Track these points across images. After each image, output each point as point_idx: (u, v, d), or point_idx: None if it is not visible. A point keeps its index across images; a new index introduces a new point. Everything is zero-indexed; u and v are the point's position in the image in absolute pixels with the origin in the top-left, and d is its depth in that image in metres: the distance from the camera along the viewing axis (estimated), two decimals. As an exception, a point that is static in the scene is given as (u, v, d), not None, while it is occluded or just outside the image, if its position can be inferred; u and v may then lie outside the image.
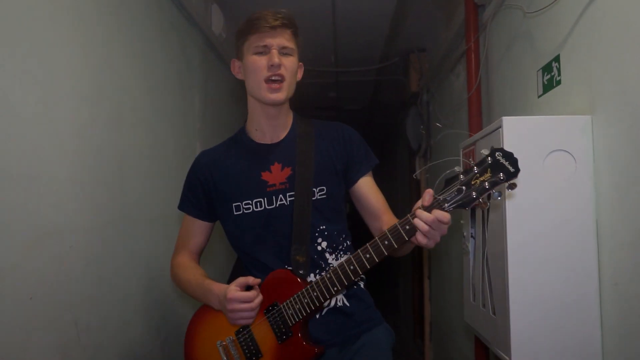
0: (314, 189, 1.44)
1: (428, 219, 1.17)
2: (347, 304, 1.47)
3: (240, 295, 1.35)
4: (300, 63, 1.54)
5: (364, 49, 4.34)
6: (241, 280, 1.38)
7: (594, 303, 1.44)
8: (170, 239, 2.36)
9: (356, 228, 1.68)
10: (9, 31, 1.29)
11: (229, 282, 1.43)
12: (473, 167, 1.16)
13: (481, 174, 1.14)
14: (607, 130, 1.42)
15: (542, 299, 1.47)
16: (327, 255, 1.47)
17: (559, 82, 1.71)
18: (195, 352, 1.49)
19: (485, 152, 1.16)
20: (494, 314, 1.63)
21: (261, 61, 1.42)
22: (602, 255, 1.44)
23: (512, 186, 1.14)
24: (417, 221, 1.18)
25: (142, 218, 2.08)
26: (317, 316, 1.45)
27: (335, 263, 1.45)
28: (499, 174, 1.12)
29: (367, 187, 1.51)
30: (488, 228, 1.70)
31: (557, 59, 1.72)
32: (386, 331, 1.53)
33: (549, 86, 1.78)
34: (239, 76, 1.53)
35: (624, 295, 1.35)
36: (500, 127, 1.53)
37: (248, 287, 1.39)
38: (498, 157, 1.13)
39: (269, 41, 1.42)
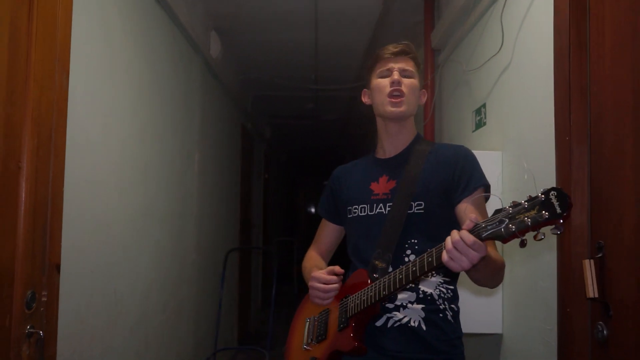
0: (412, 203, 1.47)
1: (454, 238, 1.15)
2: (423, 328, 1.44)
3: (319, 276, 1.51)
4: (423, 90, 1.64)
5: (341, 70, 4.89)
6: (330, 267, 1.55)
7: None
8: (174, 231, 2.88)
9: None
10: (89, 82, 1.79)
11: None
12: (524, 202, 1.09)
13: (528, 209, 1.07)
14: (510, 162, 1.99)
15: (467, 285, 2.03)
16: None
17: (485, 123, 2.28)
18: (295, 322, 1.71)
19: (543, 190, 1.07)
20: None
21: (384, 82, 1.53)
22: (505, 250, 2.02)
23: (558, 228, 1.04)
24: (447, 239, 1.17)
25: (156, 214, 2.57)
26: (389, 325, 1.46)
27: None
28: (544, 212, 1.04)
29: (468, 211, 1.42)
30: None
31: (484, 105, 2.29)
32: None
33: (479, 125, 2.35)
34: (368, 102, 1.64)
35: (516, 277, 1.93)
36: (437, 157, 2.09)
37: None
38: (551, 197, 1.05)
39: (391, 65, 1.54)
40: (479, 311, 2.03)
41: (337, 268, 1.53)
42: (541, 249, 1.71)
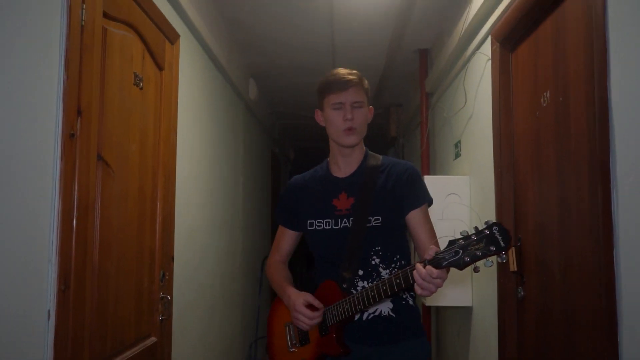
0: (370, 217, 1.66)
1: (421, 273, 1.35)
2: (393, 315, 1.68)
3: (305, 312, 1.64)
4: (370, 107, 1.79)
5: (356, 102, 5.75)
6: (309, 299, 1.67)
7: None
8: (228, 238, 3.75)
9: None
10: (183, 136, 2.66)
11: (314, 277, 1.81)
12: (472, 235, 1.31)
13: (477, 242, 1.28)
14: (474, 184, 2.81)
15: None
16: (381, 269, 1.68)
17: (460, 155, 3.11)
18: (272, 326, 1.89)
19: (487, 223, 1.30)
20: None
21: (339, 115, 1.69)
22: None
23: (502, 257, 1.27)
24: (414, 273, 1.37)
25: (218, 225, 3.44)
26: (364, 319, 1.68)
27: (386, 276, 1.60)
28: (491, 246, 1.27)
29: (415, 221, 1.67)
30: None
31: (460, 141, 3.12)
32: (423, 345, 1.70)
33: (456, 156, 3.18)
34: (322, 123, 1.79)
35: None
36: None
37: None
38: (494, 231, 1.28)
39: (343, 99, 1.68)
40: (454, 290, 2.84)
41: (315, 303, 1.66)
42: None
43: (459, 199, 2.86)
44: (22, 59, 1.33)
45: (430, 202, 1.74)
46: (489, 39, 2.47)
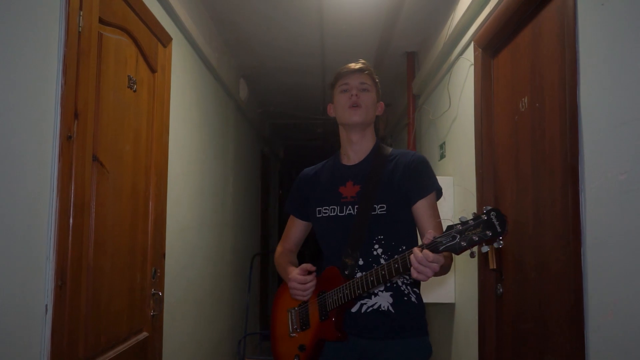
0: (375, 205, 1.66)
1: (417, 257, 1.34)
2: (392, 311, 1.66)
3: (297, 278, 1.69)
4: (381, 102, 1.82)
5: (345, 102, 5.83)
6: (304, 265, 1.72)
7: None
8: (217, 236, 3.81)
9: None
10: (174, 135, 2.72)
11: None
12: (470, 220, 1.30)
13: (474, 227, 1.28)
14: (458, 184, 2.90)
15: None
16: (382, 260, 1.66)
17: (445, 156, 3.20)
18: (275, 312, 1.91)
19: (485, 209, 1.28)
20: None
21: (345, 96, 1.74)
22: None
23: (499, 242, 1.26)
24: (411, 257, 1.37)
25: (207, 223, 3.51)
26: (362, 311, 1.67)
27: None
28: (487, 231, 1.26)
29: (421, 211, 1.66)
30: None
31: (444, 143, 3.21)
32: (423, 344, 1.68)
33: (441, 157, 3.27)
34: (333, 115, 1.83)
35: (461, 262, 2.82)
36: (408, 181, 3.01)
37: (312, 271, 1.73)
38: (491, 217, 1.26)
39: (350, 81, 1.74)
40: (438, 287, 2.93)
41: (309, 266, 1.72)
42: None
43: (443, 197, 2.95)
44: (23, 64, 1.39)
45: (439, 191, 1.72)
46: (472, 44, 2.56)
